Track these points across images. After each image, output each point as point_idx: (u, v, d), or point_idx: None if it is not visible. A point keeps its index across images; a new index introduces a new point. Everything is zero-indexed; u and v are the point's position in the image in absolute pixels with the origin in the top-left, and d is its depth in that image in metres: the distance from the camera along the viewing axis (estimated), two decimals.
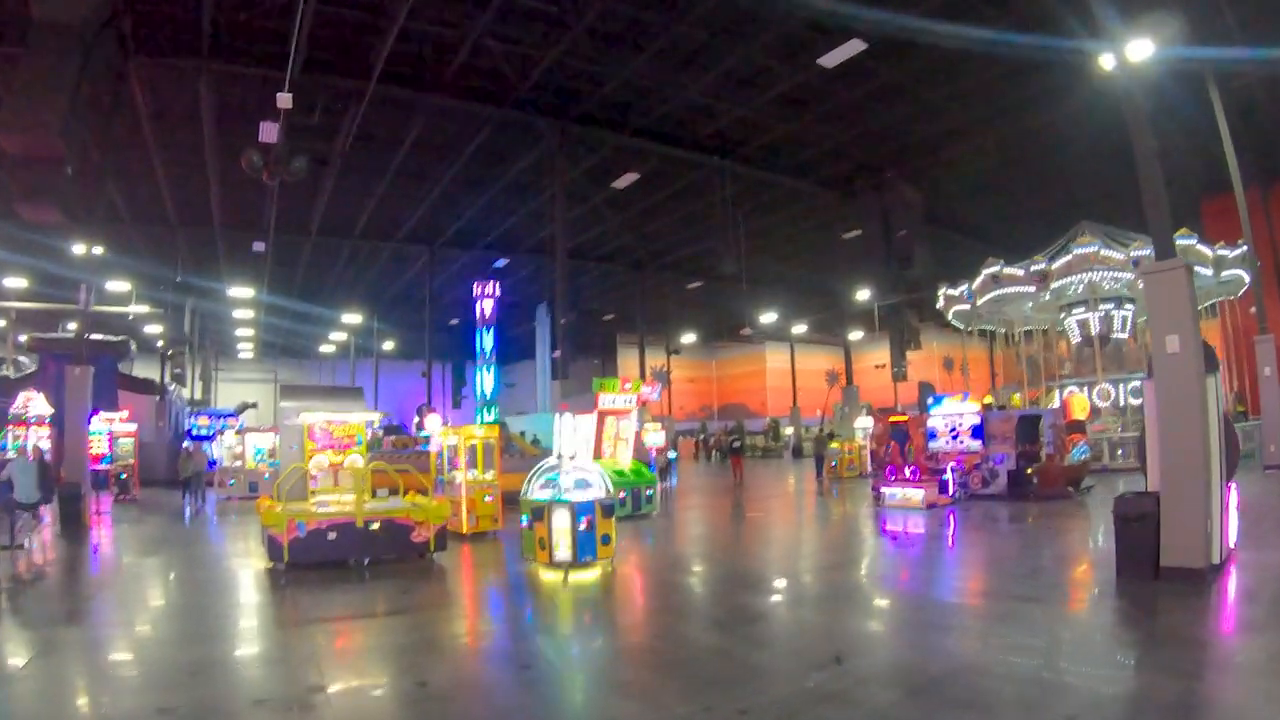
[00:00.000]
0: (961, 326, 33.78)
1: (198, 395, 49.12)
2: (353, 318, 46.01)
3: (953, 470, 17.67)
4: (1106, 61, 12.43)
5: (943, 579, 10.31)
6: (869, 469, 26.97)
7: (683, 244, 36.79)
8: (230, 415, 40.25)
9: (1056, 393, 28.49)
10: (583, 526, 10.04)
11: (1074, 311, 30.00)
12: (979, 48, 18.45)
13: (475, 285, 41.44)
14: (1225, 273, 26.58)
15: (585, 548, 10.07)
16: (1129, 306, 29.39)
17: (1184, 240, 25.11)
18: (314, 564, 10.83)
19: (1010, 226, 33.10)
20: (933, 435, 19.30)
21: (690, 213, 31.95)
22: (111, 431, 24.11)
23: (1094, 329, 29.77)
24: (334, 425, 13.85)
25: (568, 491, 10.36)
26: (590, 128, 23.56)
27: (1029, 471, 18.58)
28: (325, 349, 56.92)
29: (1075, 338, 30.71)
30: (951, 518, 15.54)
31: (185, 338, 45.80)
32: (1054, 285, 27.00)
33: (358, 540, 11.15)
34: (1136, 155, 9.59)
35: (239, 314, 45.42)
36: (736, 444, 29.82)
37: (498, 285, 41.13)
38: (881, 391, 46.03)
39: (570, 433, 10.71)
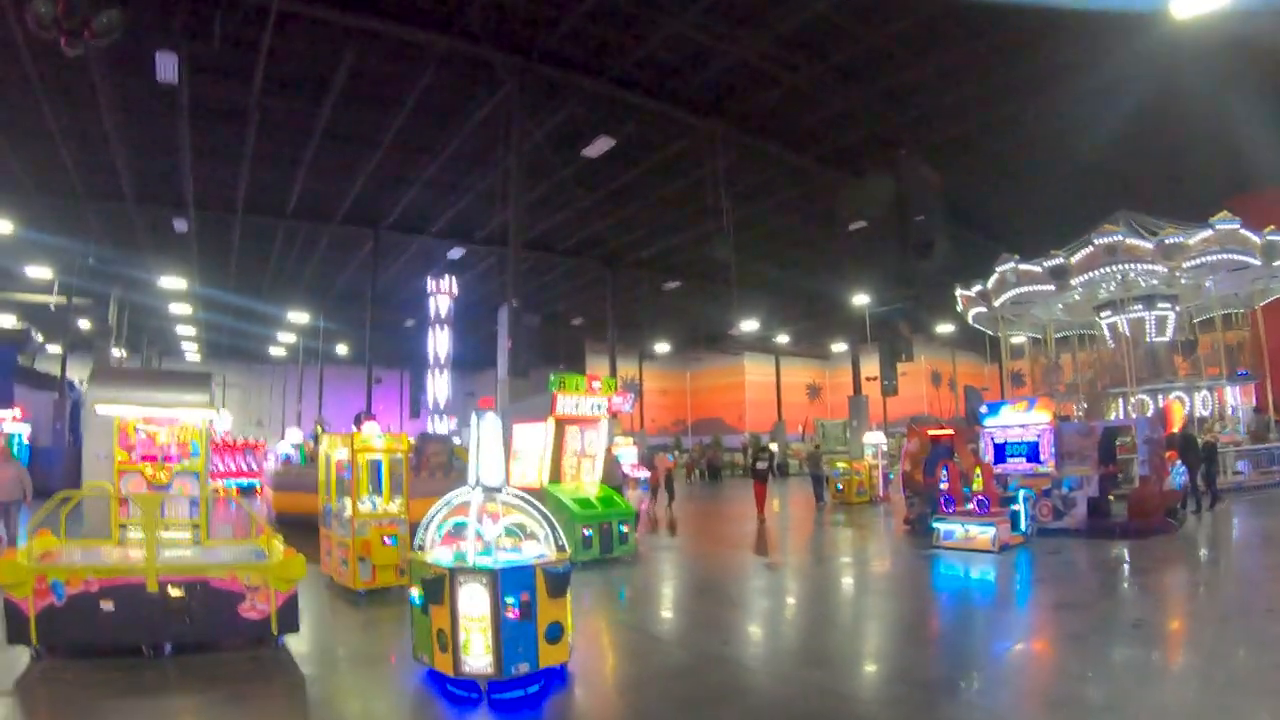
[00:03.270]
0: (988, 332, 29.76)
1: None
2: (299, 316, 41.54)
3: (1025, 499, 13.41)
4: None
5: None
6: (882, 493, 22.92)
7: (661, 234, 32.42)
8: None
9: (1119, 402, 24.37)
10: (512, 613, 5.61)
11: (1102, 314, 26.11)
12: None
13: (429, 280, 37.46)
14: (1277, 261, 22.80)
15: (517, 648, 5.64)
16: (1163, 306, 25.50)
17: (1225, 224, 21.92)
18: (85, 650, 6.68)
19: (1030, 221, 29.00)
20: (1000, 454, 15.04)
21: (671, 195, 27.64)
22: None
23: (1124, 331, 25.90)
24: (157, 426, 9.28)
25: (490, 548, 5.97)
26: (557, 69, 19.13)
27: (1110, 498, 14.53)
28: (276, 352, 52.67)
29: (1109, 342, 26.78)
30: (1048, 568, 11.25)
31: (109, 330, 40.87)
32: (1077, 282, 23.02)
33: (150, 614, 6.78)
34: None
35: (175, 309, 40.87)
36: (762, 464, 21.13)
37: (454, 281, 37.16)
38: (869, 406, 41.95)
39: (492, 447, 6.26)
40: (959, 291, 27.47)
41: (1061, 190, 26.80)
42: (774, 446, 35.07)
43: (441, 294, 36.05)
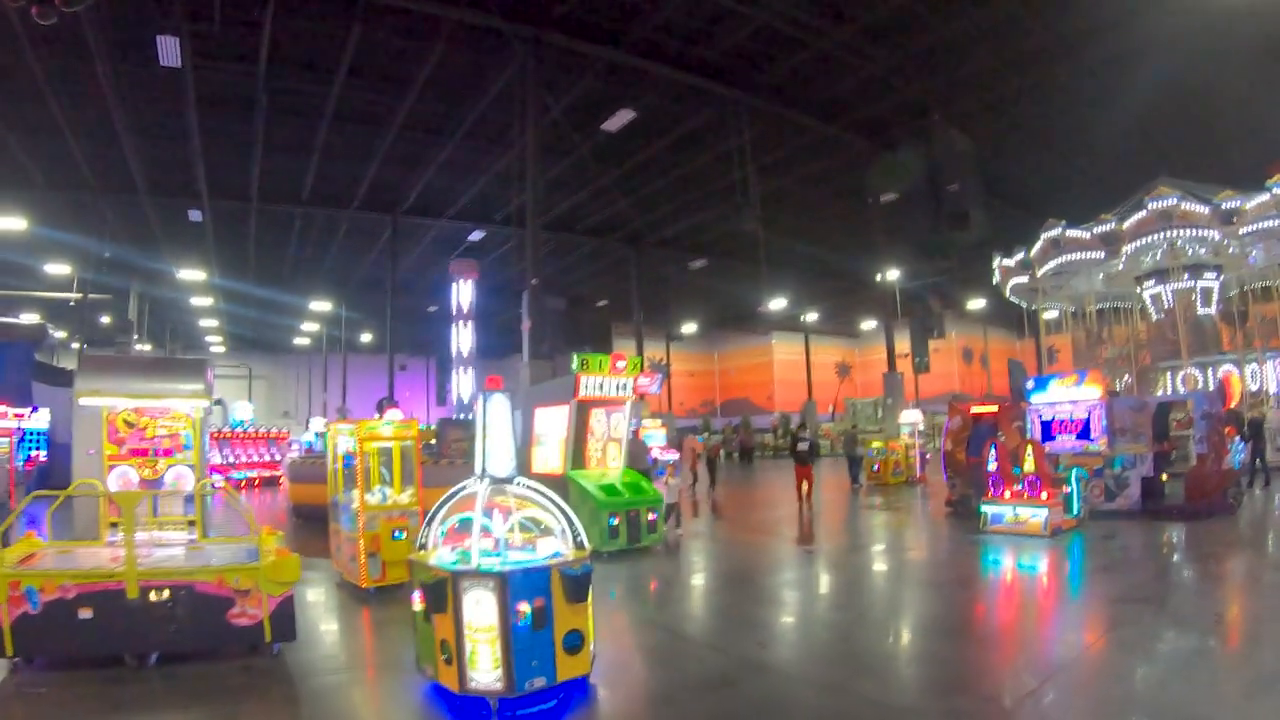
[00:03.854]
0: (1024, 305, 28.66)
1: None
2: (321, 305, 41.26)
3: (1077, 479, 12.58)
4: None
5: None
6: (919, 474, 22.15)
7: (685, 212, 31.57)
8: None
9: (1168, 375, 23.29)
10: (523, 620, 4.96)
11: (1146, 285, 24.93)
12: None
13: (451, 266, 36.88)
14: None
15: (530, 660, 5.00)
16: (1210, 276, 24.30)
17: None
18: (64, 660, 6.20)
19: (1064, 191, 27.76)
20: (1048, 432, 14.21)
21: (695, 170, 26.84)
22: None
23: (1166, 304, 24.75)
24: (146, 416, 8.71)
25: (500, 548, 5.34)
26: (571, 37, 18.34)
27: (1163, 478, 13.68)
28: (300, 342, 52.59)
29: (1153, 314, 25.63)
30: (1107, 554, 10.46)
31: (129, 325, 40.80)
32: (1127, 249, 21.90)
33: (131, 621, 6.21)
34: None
35: (196, 301, 40.69)
36: (803, 445, 18.86)
37: (475, 278, 36.55)
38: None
39: (500, 432, 5.61)
40: (999, 261, 26.37)
41: (1096, 158, 25.72)
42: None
43: (464, 279, 35.55)
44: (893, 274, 32.56)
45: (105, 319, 39.17)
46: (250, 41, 17.80)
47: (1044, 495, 11.74)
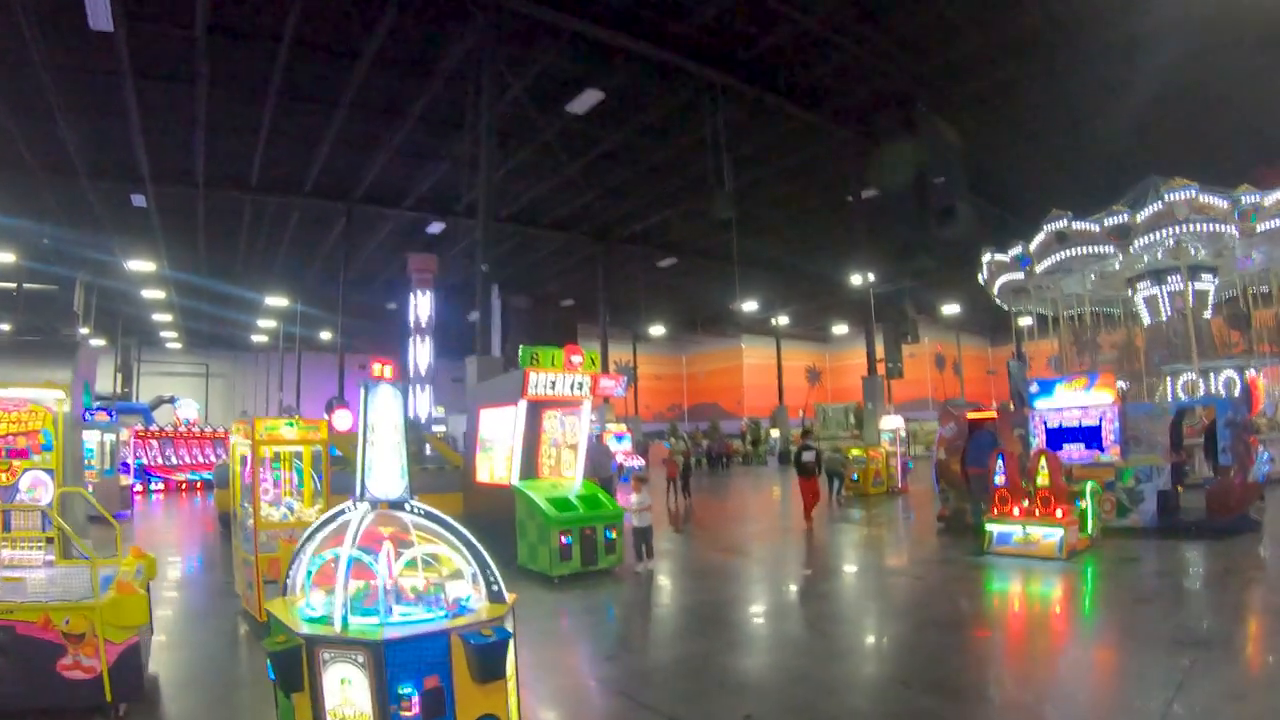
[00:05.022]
0: (1008, 307, 27.41)
1: (117, 389, 42.49)
2: (277, 300, 39.35)
3: (1092, 493, 11.20)
4: None
5: None
6: (901, 483, 20.84)
7: (656, 205, 30.11)
8: (135, 410, 33.46)
9: (1168, 381, 22.04)
10: (411, 710, 3.38)
11: (1140, 286, 23.76)
12: None
13: (410, 262, 35.24)
14: None
15: None
16: (1206, 278, 23.19)
17: None
18: None
19: (1048, 192, 26.40)
20: (1054, 440, 12.82)
21: (666, 159, 25.43)
22: None
23: (1162, 306, 23.62)
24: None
25: (381, 601, 3.77)
26: (534, 4, 16.72)
27: (1179, 489, 12.44)
28: (259, 339, 50.86)
29: (1145, 318, 24.48)
30: (1138, 582, 9.02)
31: (74, 316, 38.51)
32: (1139, 243, 20.65)
33: None
34: None
35: (149, 294, 38.83)
36: (809, 456, 16.23)
37: (435, 263, 34.96)
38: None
39: (386, 438, 4.04)
40: (990, 257, 25.02)
41: (1082, 155, 24.61)
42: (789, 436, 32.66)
43: (423, 297, 34.13)
44: (869, 275, 31.39)
45: (47, 310, 36.91)
46: (185, 8, 16.12)
47: (1059, 513, 10.34)
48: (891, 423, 22.20)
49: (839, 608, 8.99)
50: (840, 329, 61.44)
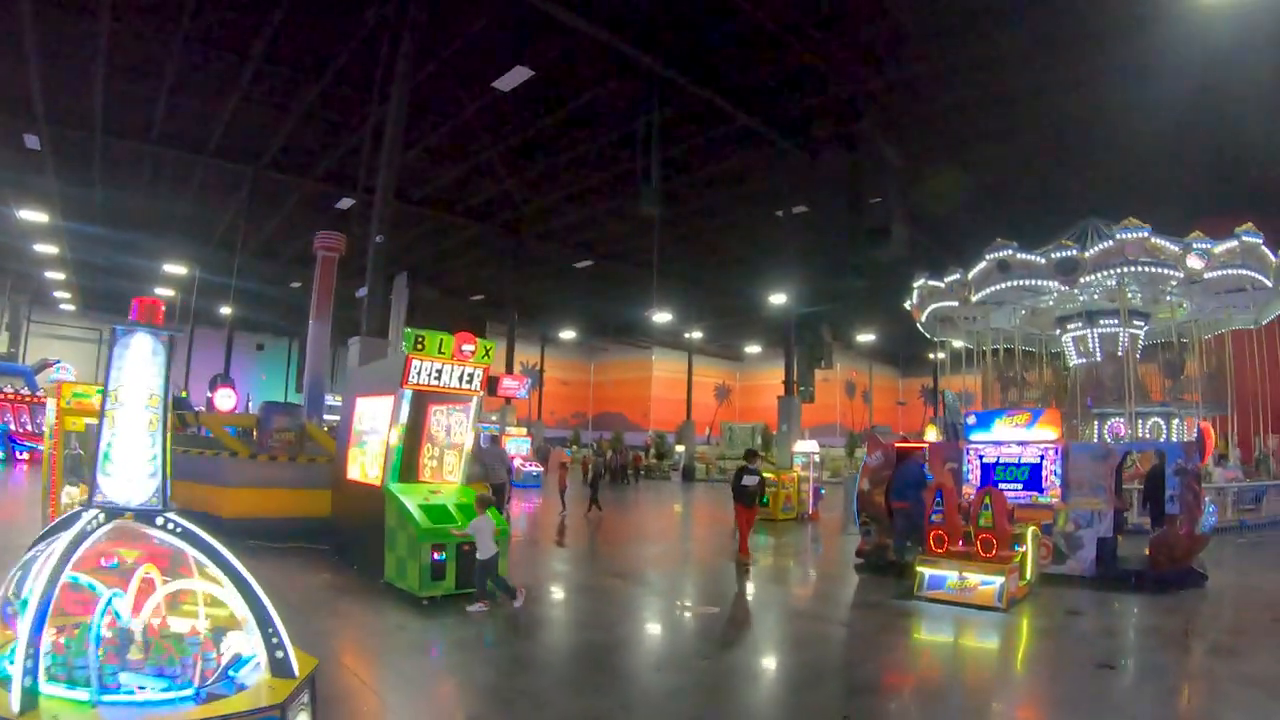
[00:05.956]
0: (932, 336, 26.87)
1: (3, 347, 40.88)
2: (175, 268, 36.11)
3: (1033, 537, 10.23)
4: None
5: None
6: (811, 510, 19.89)
7: (576, 201, 28.63)
8: (17, 373, 30.50)
9: (1095, 424, 21.62)
10: None
11: (1070, 327, 23.50)
12: None
13: (317, 239, 32.80)
14: None
15: None
16: (1138, 324, 23.06)
17: (1251, 237, 19.85)
18: None
19: (982, 226, 25.98)
20: (988, 477, 11.88)
21: (592, 152, 24.00)
22: None
23: (1092, 348, 23.39)
24: None
25: (118, 660, 2.20)
26: None
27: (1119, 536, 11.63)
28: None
29: (1072, 358, 24.25)
30: (1086, 638, 7.92)
31: None
32: (1085, 279, 20.24)
33: None
34: None
35: (41, 249, 35.13)
36: (751, 481, 13.45)
37: (344, 242, 32.58)
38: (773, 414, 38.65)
39: (133, 416, 2.53)
40: (924, 282, 24.35)
41: (1022, 189, 24.31)
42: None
43: (329, 251, 31.70)
44: (790, 296, 30.65)
45: None
46: None
47: (999, 557, 9.29)
48: (806, 446, 21.21)
49: (752, 661, 7.66)
50: (753, 348, 61.05)
